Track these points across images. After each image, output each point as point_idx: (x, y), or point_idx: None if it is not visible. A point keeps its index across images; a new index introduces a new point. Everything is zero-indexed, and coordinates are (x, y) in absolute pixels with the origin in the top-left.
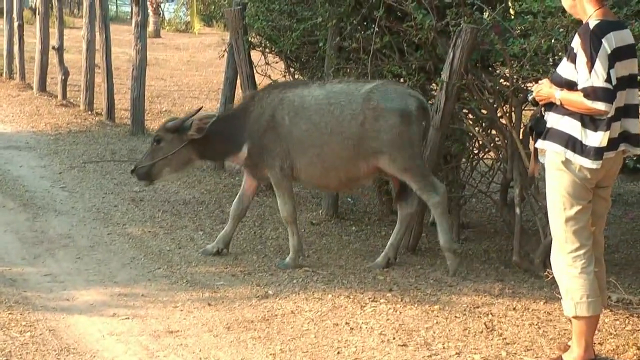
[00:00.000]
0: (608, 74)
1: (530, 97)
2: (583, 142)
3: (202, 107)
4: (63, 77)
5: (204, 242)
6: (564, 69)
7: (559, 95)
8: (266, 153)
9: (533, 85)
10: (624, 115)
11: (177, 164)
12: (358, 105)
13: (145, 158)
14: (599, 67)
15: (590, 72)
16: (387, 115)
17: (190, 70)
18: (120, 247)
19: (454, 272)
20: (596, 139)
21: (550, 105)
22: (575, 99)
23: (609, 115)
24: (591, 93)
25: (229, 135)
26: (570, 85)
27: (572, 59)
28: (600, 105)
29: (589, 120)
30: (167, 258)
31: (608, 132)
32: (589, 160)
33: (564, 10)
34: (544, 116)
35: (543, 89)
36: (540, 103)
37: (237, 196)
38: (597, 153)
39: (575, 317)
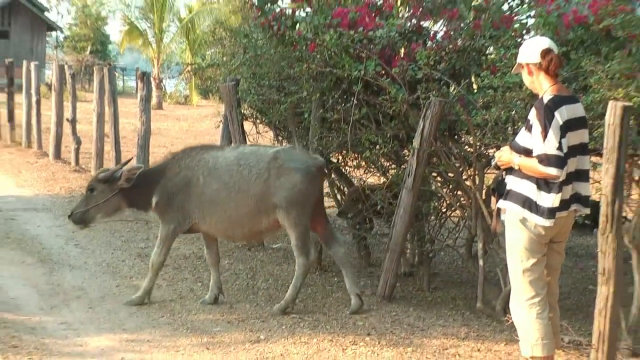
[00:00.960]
0: (560, 143)
1: (493, 162)
2: (538, 202)
3: (133, 157)
4: (76, 146)
5: (202, 292)
6: (522, 137)
7: (518, 161)
8: (170, 209)
9: (495, 151)
10: (576, 179)
11: (108, 210)
12: (264, 164)
13: (80, 205)
14: (552, 137)
15: (544, 141)
16: (290, 173)
17: (189, 138)
18: (127, 297)
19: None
20: (549, 200)
21: (510, 170)
22: (531, 164)
23: (560, 179)
24: (545, 159)
25: (146, 187)
26: (527, 152)
27: (529, 129)
28: (552, 171)
29: (543, 184)
30: (169, 307)
31: (560, 194)
32: (543, 219)
33: (521, 85)
34: (504, 179)
35: (504, 155)
36: (502, 167)
37: (205, 247)
38: (551, 212)
39: (532, 358)
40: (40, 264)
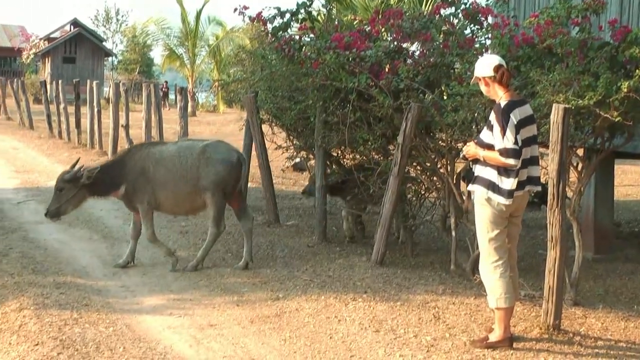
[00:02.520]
0: (516, 139)
1: (461, 154)
2: (500, 185)
3: (80, 157)
4: (129, 146)
5: (232, 261)
6: (485, 135)
7: (482, 153)
8: (138, 192)
9: (462, 145)
10: (529, 164)
11: (76, 202)
12: (196, 156)
13: (54, 203)
14: (509, 134)
15: (503, 138)
16: (215, 164)
17: (218, 138)
18: (183, 265)
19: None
20: (508, 183)
21: (476, 160)
22: (493, 156)
23: (517, 167)
24: (504, 152)
25: (111, 178)
26: (489, 147)
27: (490, 128)
28: (511, 161)
29: (503, 170)
30: (206, 273)
31: (516, 179)
32: (504, 198)
33: (482, 93)
34: (472, 168)
35: (470, 149)
36: (469, 158)
37: (132, 222)
38: (510, 193)
39: (497, 308)
40: (104, 240)
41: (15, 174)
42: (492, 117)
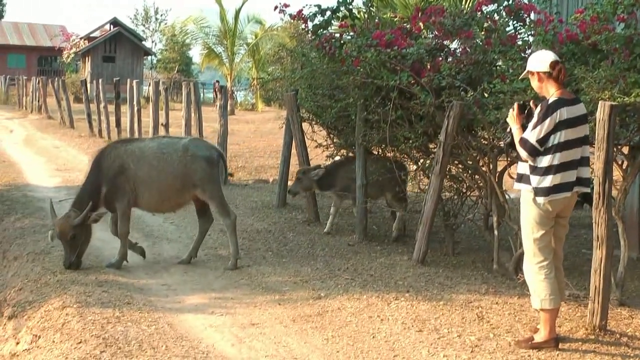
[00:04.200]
0: (542, 139)
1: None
2: (541, 185)
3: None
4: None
5: (273, 259)
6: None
7: (514, 128)
8: (118, 191)
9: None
10: (579, 165)
11: (87, 240)
12: (181, 153)
13: (70, 254)
14: (539, 130)
15: (532, 130)
16: (200, 160)
17: (256, 137)
18: (214, 264)
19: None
20: (541, 181)
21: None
22: (516, 139)
23: (539, 166)
24: (524, 143)
25: (94, 189)
26: (539, 143)
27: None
28: (523, 154)
29: (545, 171)
30: (247, 271)
31: (555, 177)
32: (543, 198)
33: (525, 90)
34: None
35: (510, 117)
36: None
37: (111, 222)
38: (548, 192)
39: (542, 309)
40: (145, 238)
41: (56, 172)
42: (537, 110)
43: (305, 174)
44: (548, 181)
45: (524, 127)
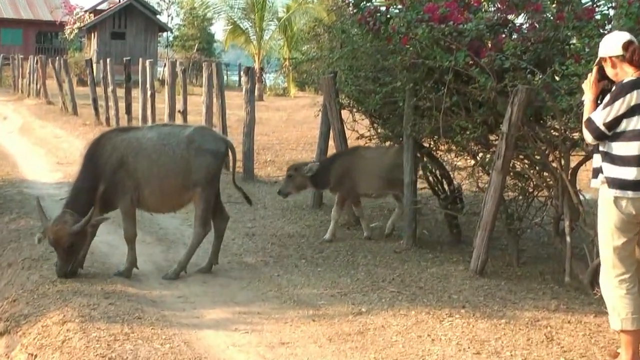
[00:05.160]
0: (612, 121)
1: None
2: (624, 178)
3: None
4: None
5: (307, 268)
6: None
7: (586, 99)
8: (119, 188)
9: (579, 135)
10: None
11: (86, 246)
12: (185, 145)
13: (65, 263)
14: (608, 112)
15: (602, 110)
16: (206, 155)
17: (288, 127)
18: (238, 273)
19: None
20: (632, 174)
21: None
22: (585, 112)
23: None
24: (588, 123)
25: (89, 186)
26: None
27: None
28: (587, 136)
29: (625, 161)
30: (276, 282)
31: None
32: (632, 192)
33: None
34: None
35: (586, 83)
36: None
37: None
38: (636, 185)
39: (623, 331)
40: (158, 243)
41: (57, 167)
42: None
43: (298, 170)
44: (632, 174)
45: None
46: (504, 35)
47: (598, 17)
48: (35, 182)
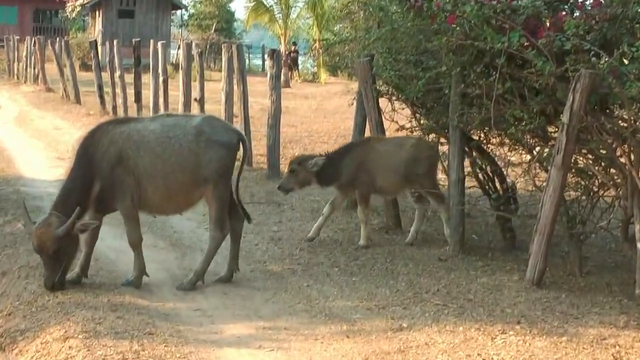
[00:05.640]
0: None
1: None
2: None
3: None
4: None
5: (340, 278)
6: None
7: None
8: (117, 187)
9: None
10: None
11: (74, 252)
12: (192, 137)
13: (52, 272)
14: None
15: None
16: (216, 147)
17: (318, 117)
18: (262, 283)
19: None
20: None
21: None
22: None
23: None
24: None
25: (81, 185)
26: None
27: None
28: None
29: None
30: (305, 293)
31: None
32: None
33: None
34: None
35: None
36: None
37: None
38: None
39: None
40: (172, 248)
41: (57, 162)
42: None
43: (302, 164)
44: None
45: None
46: (564, 13)
47: None
48: (33, 180)
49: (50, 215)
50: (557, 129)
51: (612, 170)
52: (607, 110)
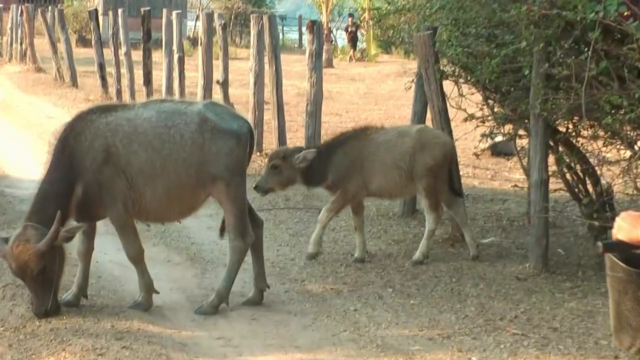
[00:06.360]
0: None
1: None
2: None
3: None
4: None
5: (394, 300)
6: None
7: None
8: (105, 191)
9: None
10: None
11: (62, 266)
12: (195, 127)
13: (42, 296)
14: None
15: None
16: (225, 137)
17: (368, 103)
18: (299, 306)
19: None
20: None
21: None
22: None
23: None
24: None
25: (70, 186)
26: None
27: None
28: None
29: None
30: (352, 319)
31: None
32: None
33: None
34: None
35: None
36: None
37: (81, 240)
38: None
39: None
40: (190, 264)
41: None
42: None
43: (286, 159)
44: None
45: None
46: None
47: None
48: (21, 180)
49: (26, 228)
50: None
51: None
52: None
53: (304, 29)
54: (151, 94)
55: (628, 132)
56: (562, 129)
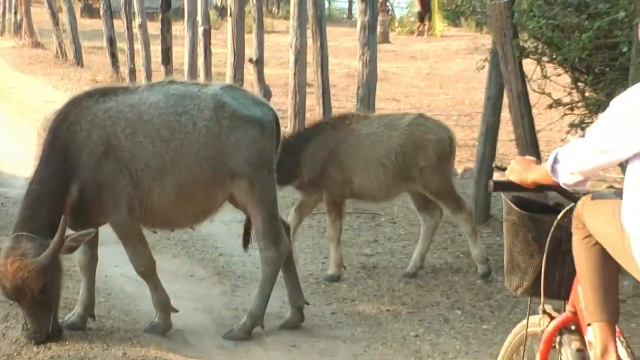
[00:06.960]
0: None
1: None
2: None
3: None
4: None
5: (464, 325)
6: None
7: None
8: (105, 191)
9: None
10: None
11: (60, 283)
12: (210, 113)
13: (42, 320)
14: None
15: None
16: (246, 126)
17: (431, 87)
18: (349, 331)
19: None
20: None
21: None
22: None
23: None
24: None
25: (65, 186)
26: None
27: None
28: None
29: None
30: (413, 346)
31: None
32: None
33: None
34: None
35: None
36: None
37: (81, 249)
38: None
39: None
40: (217, 279)
41: None
42: None
43: None
44: None
45: None
46: None
47: None
48: (15, 177)
49: (19, 240)
50: None
51: None
52: None
53: None
54: (171, 73)
55: None
56: None
